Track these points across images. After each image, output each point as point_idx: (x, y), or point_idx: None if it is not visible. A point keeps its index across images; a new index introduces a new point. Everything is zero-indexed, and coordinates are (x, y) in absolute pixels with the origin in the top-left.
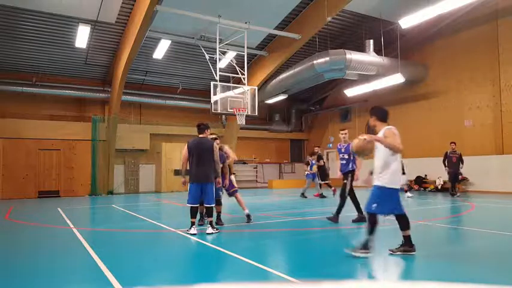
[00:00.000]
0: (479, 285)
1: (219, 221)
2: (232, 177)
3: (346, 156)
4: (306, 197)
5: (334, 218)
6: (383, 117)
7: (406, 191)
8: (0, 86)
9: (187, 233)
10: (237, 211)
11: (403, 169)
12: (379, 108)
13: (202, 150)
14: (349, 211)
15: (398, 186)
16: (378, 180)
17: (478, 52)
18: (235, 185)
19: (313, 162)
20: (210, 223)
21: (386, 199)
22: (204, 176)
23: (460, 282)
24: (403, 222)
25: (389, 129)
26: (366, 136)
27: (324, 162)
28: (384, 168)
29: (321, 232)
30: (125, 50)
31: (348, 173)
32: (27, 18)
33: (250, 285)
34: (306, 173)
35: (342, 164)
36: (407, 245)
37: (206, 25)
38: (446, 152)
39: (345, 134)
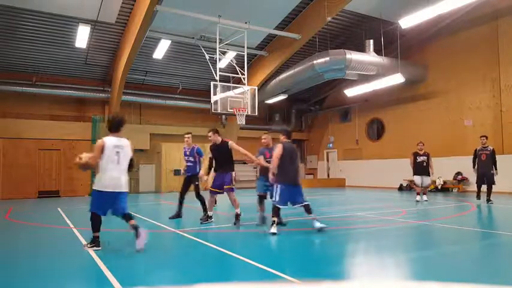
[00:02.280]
0: (479, 285)
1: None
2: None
3: (192, 159)
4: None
5: (205, 218)
6: (110, 128)
7: (418, 194)
8: (0, 86)
9: (269, 232)
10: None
11: (426, 169)
12: (111, 119)
13: (294, 154)
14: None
15: (101, 189)
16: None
17: (478, 52)
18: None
19: None
20: (315, 218)
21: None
22: (297, 177)
23: (460, 282)
24: (96, 223)
25: (97, 140)
26: (82, 156)
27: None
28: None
29: (320, 232)
30: (125, 50)
31: (196, 175)
32: (27, 18)
33: (251, 285)
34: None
35: (189, 166)
36: (95, 243)
37: (206, 25)
38: (476, 150)
39: (188, 137)
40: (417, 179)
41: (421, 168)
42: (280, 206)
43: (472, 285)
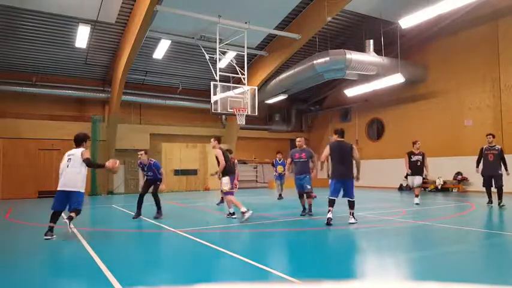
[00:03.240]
0: (479, 285)
1: (310, 212)
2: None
3: (150, 174)
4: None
5: (158, 214)
6: (74, 142)
7: (417, 195)
8: (0, 86)
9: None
10: (237, 211)
11: (420, 169)
12: (75, 136)
13: (344, 152)
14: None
15: (58, 188)
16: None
17: (478, 52)
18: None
19: (278, 161)
20: (352, 214)
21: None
22: (346, 173)
23: (460, 282)
24: (54, 216)
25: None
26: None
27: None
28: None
29: (321, 232)
30: (125, 50)
31: (157, 181)
32: (27, 18)
33: (250, 285)
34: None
35: (149, 179)
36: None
37: (206, 25)
38: (482, 148)
39: (141, 154)
40: (409, 180)
41: (415, 168)
42: (331, 198)
43: (472, 285)
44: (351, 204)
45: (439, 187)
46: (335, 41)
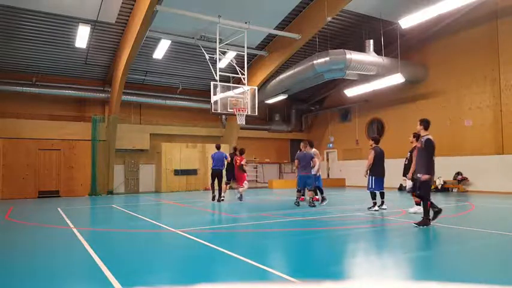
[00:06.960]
0: (479, 285)
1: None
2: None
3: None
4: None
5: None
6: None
7: (417, 203)
8: (0, 86)
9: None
10: (237, 211)
11: (406, 168)
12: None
13: (383, 156)
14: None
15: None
16: None
17: (478, 52)
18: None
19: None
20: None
21: None
22: (384, 172)
23: (460, 282)
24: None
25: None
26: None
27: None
28: None
29: (321, 232)
30: (125, 50)
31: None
32: (27, 18)
33: (250, 285)
34: None
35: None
36: None
37: (206, 25)
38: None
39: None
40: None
41: (403, 168)
42: (376, 191)
43: (471, 285)
44: (382, 195)
45: (439, 187)
46: (335, 41)
